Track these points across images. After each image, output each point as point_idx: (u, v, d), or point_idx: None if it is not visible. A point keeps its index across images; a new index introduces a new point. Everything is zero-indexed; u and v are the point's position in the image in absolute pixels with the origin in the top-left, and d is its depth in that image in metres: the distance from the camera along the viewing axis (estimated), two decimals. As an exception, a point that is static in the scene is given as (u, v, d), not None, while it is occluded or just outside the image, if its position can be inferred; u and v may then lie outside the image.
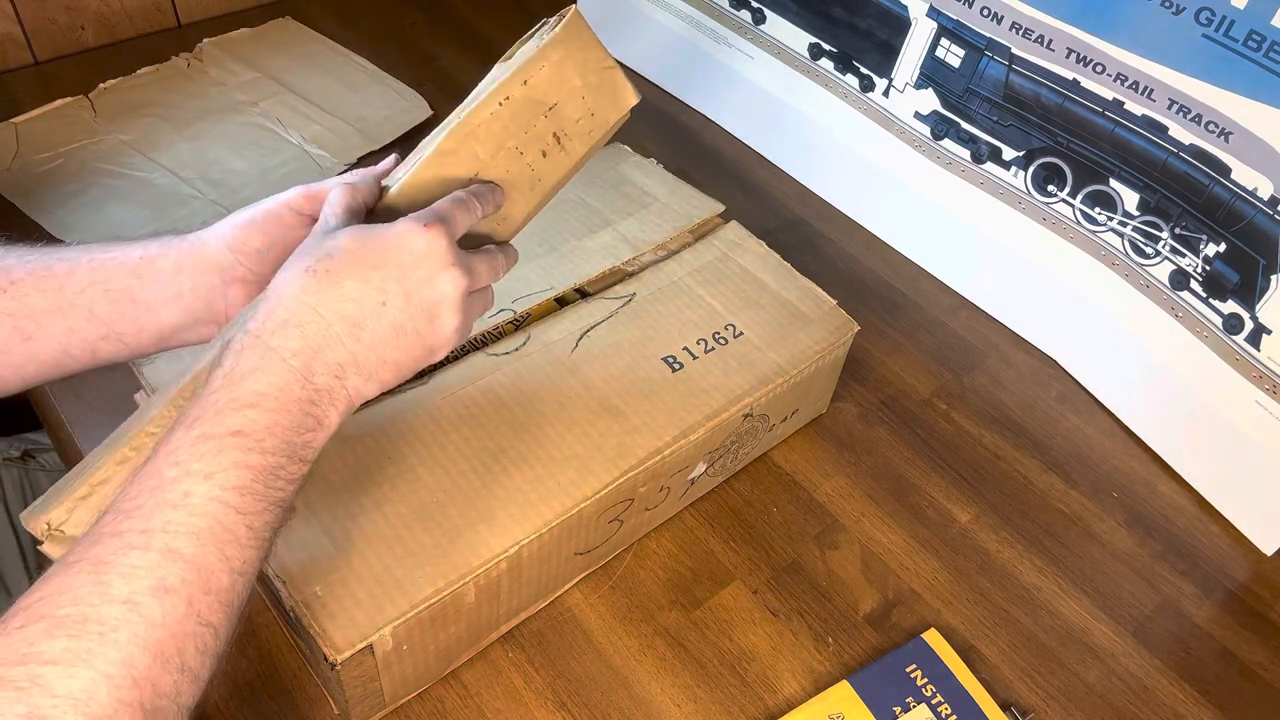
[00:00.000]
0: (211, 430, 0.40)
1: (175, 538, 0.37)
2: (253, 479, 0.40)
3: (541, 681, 0.58)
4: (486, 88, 0.52)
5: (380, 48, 1.06)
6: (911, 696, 0.58)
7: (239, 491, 0.39)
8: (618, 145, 0.82)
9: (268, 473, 0.40)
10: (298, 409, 0.42)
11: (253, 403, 0.40)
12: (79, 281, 0.49)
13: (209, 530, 0.38)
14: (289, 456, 0.41)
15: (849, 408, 0.76)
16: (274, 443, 0.41)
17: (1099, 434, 0.77)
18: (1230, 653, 0.64)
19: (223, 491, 0.39)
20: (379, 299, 0.43)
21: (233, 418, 0.40)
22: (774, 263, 0.72)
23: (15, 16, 0.97)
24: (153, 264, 0.50)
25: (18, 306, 0.48)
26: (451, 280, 0.45)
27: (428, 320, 0.45)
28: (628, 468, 0.58)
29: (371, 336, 0.43)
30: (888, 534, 0.68)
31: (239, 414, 0.40)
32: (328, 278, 0.43)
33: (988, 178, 0.82)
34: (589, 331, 0.65)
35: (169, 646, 0.37)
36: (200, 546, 0.38)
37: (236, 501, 0.39)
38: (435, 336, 0.46)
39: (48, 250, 0.50)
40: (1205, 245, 0.69)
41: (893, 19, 0.83)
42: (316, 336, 0.42)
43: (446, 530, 0.54)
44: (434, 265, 0.44)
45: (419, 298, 0.44)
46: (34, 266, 0.49)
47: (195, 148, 0.89)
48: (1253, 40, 0.61)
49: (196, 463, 0.39)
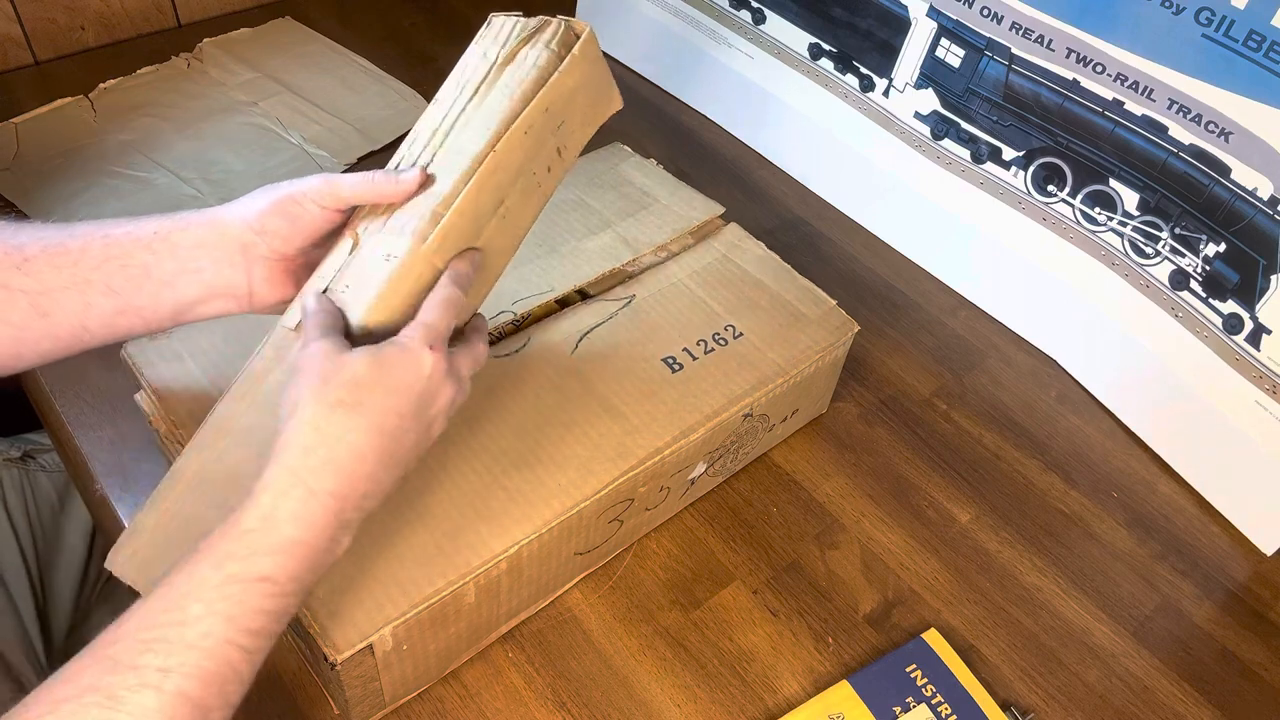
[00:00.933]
0: (240, 573, 0.40)
1: (188, 680, 0.38)
2: (267, 621, 0.41)
3: (541, 681, 0.58)
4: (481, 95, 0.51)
5: (380, 48, 1.06)
6: (911, 696, 0.58)
7: (254, 635, 0.40)
8: (618, 145, 0.82)
9: (284, 615, 0.42)
10: (326, 550, 0.43)
11: (285, 549, 0.41)
12: (94, 258, 0.49)
13: (218, 673, 0.39)
14: (301, 596, 0.43)
15: (849, 408, 0.76)
16: (295, 586, 0.42)
17: (1099, 434, 0.77)
18: (1230, 653, 0.64)
19: (239, 635, 0.40)
20: (401, 425, 0.44)
21: (263, 561, 0.41)
22: (774, 263, 0.72)
23: (15, 16, 0.97)
24: (169, 239, 0.50)
25: (33, 284, 0.48)
26: (449, 395, 0.47)
27: (427, 433, 0.47)
28: (628, 468, 0.58)
29: (391, 459, 0.45)
30: (888, 534, 0.68)
31: (270, 558, 0.41)
32: (358, 410, 0.43)
33: (988, 178, 0.82)
34: (589, 333, 0.65)
35: None
36: (207, 689, 0.39)
37: (249, 643, 0.40)
38: (428, 442, 0.47)
39: (61, 227, 0.50)
40: (1205, 245, 0.69)
41: (893, 19, 0.83)
42: (351, 476, 0.43)
43: (446, 530, 0.54)
44: (436, 383, 0.46)
45: (426, 415, 0.46)
46: (47, 244, 0.49)
47: (195, 148, 0.89)
48: (1253, 40, 0.61)
49: (221, 603, 0.40)
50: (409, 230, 0.49)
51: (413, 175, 0.50)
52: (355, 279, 0.49)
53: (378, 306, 0.48)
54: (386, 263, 0.48)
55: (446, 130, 0.52)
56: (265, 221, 0.50)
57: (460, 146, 0.51)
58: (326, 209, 0.50)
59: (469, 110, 0.52)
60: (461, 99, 0.52)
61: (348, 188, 0.50)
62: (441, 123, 0.52)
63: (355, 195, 0.50)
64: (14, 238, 0.49)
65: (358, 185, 0.49)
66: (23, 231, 0.49)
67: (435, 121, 0.52)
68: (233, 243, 0.50)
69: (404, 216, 0.49)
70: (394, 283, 0.48)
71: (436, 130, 0.52)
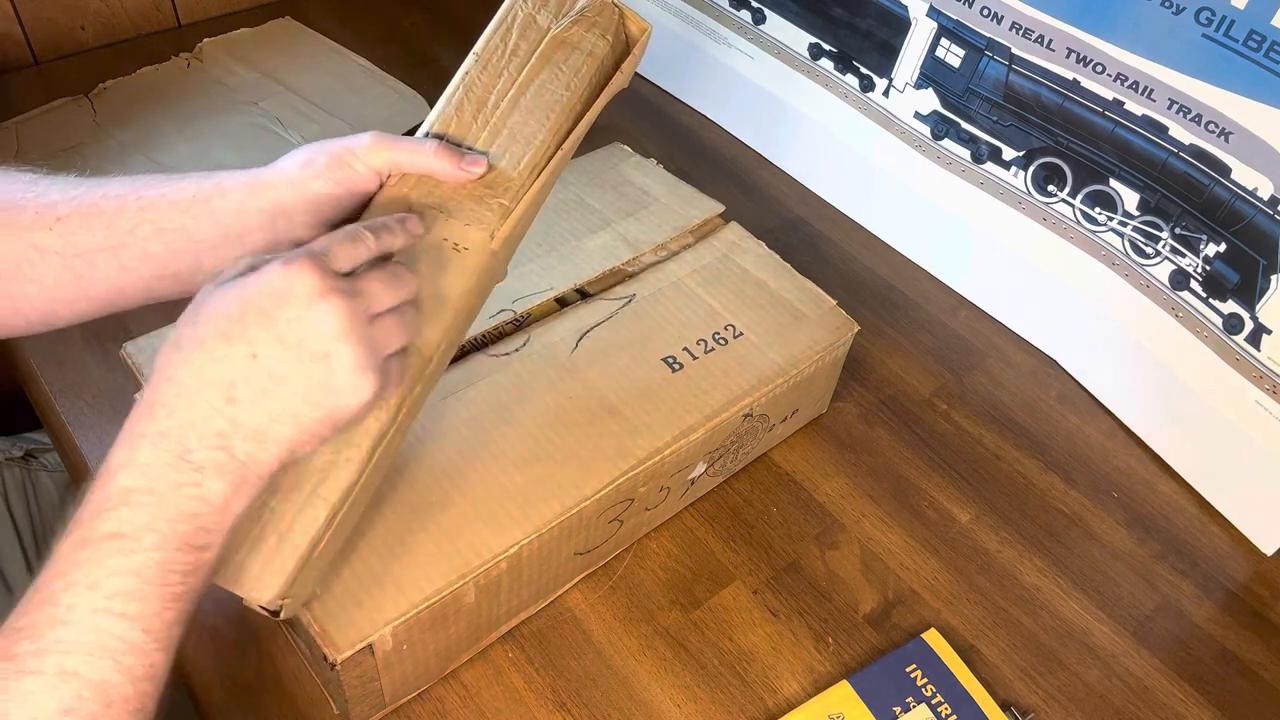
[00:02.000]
0: (88, 535, 0.38)
1: (67, 657, 0.36)
2: (139, 582, 0.38)
3: (541, 681, 0.58)
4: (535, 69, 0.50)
5: (380, 48, 1.06)
6: (911, 696, 0.58)
7: (126, 598, 0.37)
8: (618, 145, 0.82)
9: (156, 571, 0.38)
10: (178, 495, 0.39)
11: (124, 500, 0.38)
12: (129, 220, 0.47)
13: (99, 644, 0.37)
14: (180, 549, 0.39)
15: (849, 408, 0.76)
16: (155, 539, 0.38)
17: (1099, 434, 0.77)
18: (1230, 653, 0.64)
19: (108, 600, 0.37)
20: (248, 351, 0.40)
21: (108, 519, 0.38)
22: (774, 263, 0.72)
23: (15, 16, 0.97)
24: (208, 203, 0.47)
25: (65, 245, 0.46)
26: (330, 311, 0.40)
27: (312, 359, 0.40)
28: (628, 468, 0.58)
29: (249, 394, 0.40)
30: (888, 534, 0.68)
31: (113, 514, 0.38)
32: (190, 345, 0.40)
33: (988, 178, 0.82)
34: (589, 332, 0.65)
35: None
36: (94, 661, 0.37)
37: (124, 608, 0.37)
38: (333, 376, 0.41)
39: (93, 184, 0.48)
40: (1205, 245, 0.69)
41: (893, 19, 0.83)
42: (184, 411, 0.39)
43: (446, 530, 0.54)
44: (301, 302, 0.40)
45: (294, 338, 0.40)
46: (79, 203, 0.47)
47: (195, 148, 0.89)
48: (1253, 40, 0.61)
49: (78, 572, 0.37)
50: (477, 220, 0.47)
51: (479, 167, 0.47)
52: (415, 262, 0.47)
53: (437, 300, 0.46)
54: (455, 251, 0.46)
55: (497, 104, 0.50)
56: (312, 183, 0.47)
57: (522, 132, 0.49)
58: (379, 171, 0.48)
59: (521, 82, 0.50)
60: (510, 67, 0.50)
61: (405, 155, 0.47)
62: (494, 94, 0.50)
63: (412, 165, 0.47)
64: (45, 195, 0.47)
65: (417, 156, 0.47)
66: (54, 189, 0.47)
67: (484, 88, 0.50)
68: (276, 205, 0.47)
69: (470, 204, 0.47)
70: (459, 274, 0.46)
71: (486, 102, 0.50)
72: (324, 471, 0.44)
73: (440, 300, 0.47)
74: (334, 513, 0.44)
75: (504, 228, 0.48)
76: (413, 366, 0.46)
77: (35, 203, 0.47)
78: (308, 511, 0.44)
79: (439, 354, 0.48)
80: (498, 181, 0.48)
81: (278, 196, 0.47)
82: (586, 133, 0.53)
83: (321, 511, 0.44)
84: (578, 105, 0.51)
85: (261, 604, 0.44)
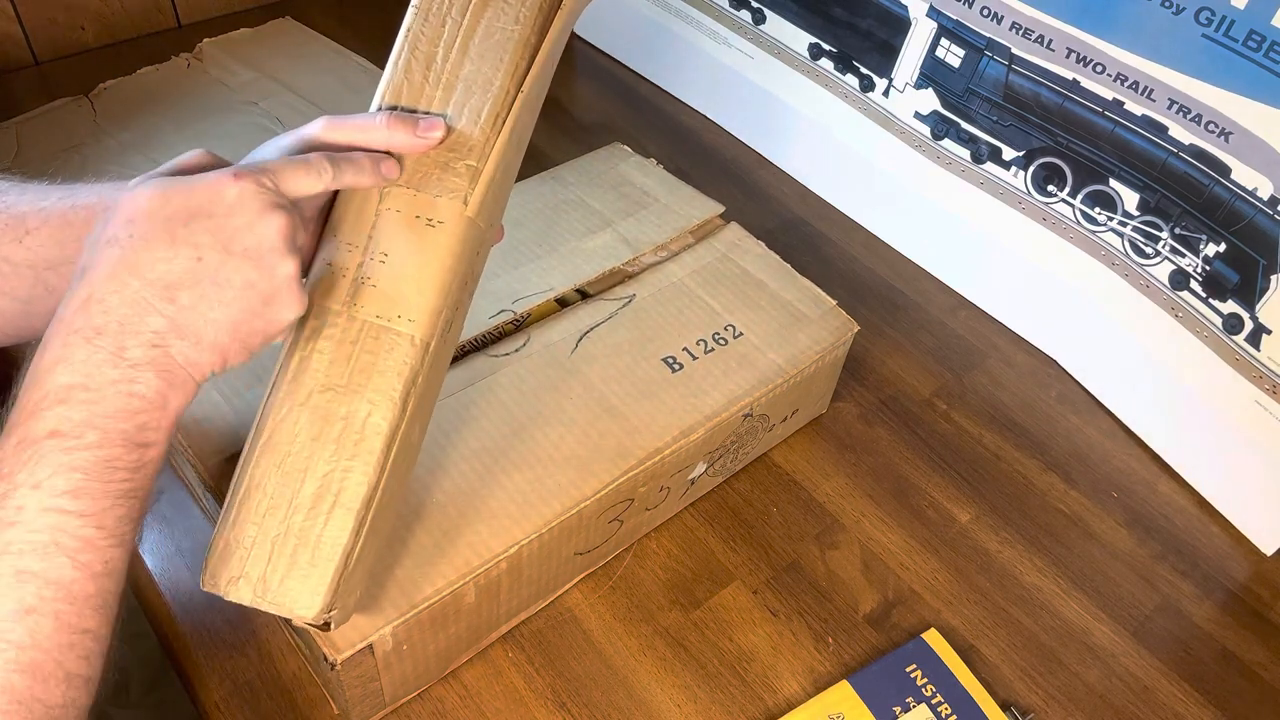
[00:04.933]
0: (28, 435, 0.37)
1: (21, 557, 0.36)
2: (84, 479, 0.37)
3: (541, 681, 0.58)
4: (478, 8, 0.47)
5: (380, 48, 1.04)
6: (911, 696, 0.58)
7: (73, 495, 0.37)
8: (617, 145, 0.82)
9: (100, 467, 0.38)
10: (115, 392, 0.38)
11: (62, 397, 0.38)
12: None
13: (53, 542, 0.37)
14: (123, 445, 0.39)
15: (849, 408, 0.76)
16: (96, 435, 0.38)
17: (1099, 434, 0.77)
18: (1230, 653, 0.64)
19: (54, 499, 0.37)
20: (193, 254, 0.39)
21: (46, 418, 0.37)
22: (774, 263, 0.72)
23: (15, 16, 0.97)
24: None
25: (36, 258, 0.46)
26: (275, 223, 0.41)
27: (256, 269, 0.41)
28: (628, 468, 0.58)
29: (190, 296, 0.40)
30: (888, 534, 0.68)
31: (51, 412, 0.38)
32: (131, 242, 0.39)
33: (988, 178, 0.82)
34: (589, 332, 0.65)
35: (46, 664, 0.36)
36: (49, 560, 0.37)
37: (73, 506, 0.37)
38: (269, 283, 0.41)
39: (63, 194, 0.47)
40: (1205, 245, 0.69)
41: (893, 19, 0.83)
42: (122, 308, 0.39)
43: (446, 530, 0.54)
44: (251, 212, 0.40)
45: (239, 246, 0.40)
46: (49, 215, 0.46)
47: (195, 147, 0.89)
48: (1253, 40, 0.61)
49: (21, 473, 0.37)
50: (447, 190, 0.45)
51: (438, 130, 0.45)
52: (392, 246, 0.45)
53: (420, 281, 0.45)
54: (430, 227, 0.45)
55: (446, 56, 0.47)
56: None
57: (477, 81, 0.46)
58: None
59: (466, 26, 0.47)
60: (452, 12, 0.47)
61: (358, 135, 0.46)
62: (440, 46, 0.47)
63: (367, 143, 0.46)
64: (14, 208, 0.46)
65: (370, 134, 0.45)
66: (24, 199, 0.47)
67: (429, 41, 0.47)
68: None
69: (437, 173, 0.45)
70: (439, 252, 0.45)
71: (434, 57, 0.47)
72: (342, 480, 0.44)
73: (426, 284, 0.46)
74: (360, 520, 0.44)
75: (477, 191, 0.46)
76: (410, 358, 0.45)
77: (4, 215, 0.46)
78: (334, 523, 0.44)
79: (436, 339, 0.46)
80: (460, 142, 0.46)
81: None
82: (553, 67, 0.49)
83: (348, 520, 0.44)
84: (532, 38, 0.47)
85: (309, 621, 0.44)
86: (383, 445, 0.45)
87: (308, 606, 0.43)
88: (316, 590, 0.43)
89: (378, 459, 0.44)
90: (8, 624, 0.36)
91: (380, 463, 0.45)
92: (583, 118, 1.04)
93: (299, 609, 0.43)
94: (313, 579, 0.43)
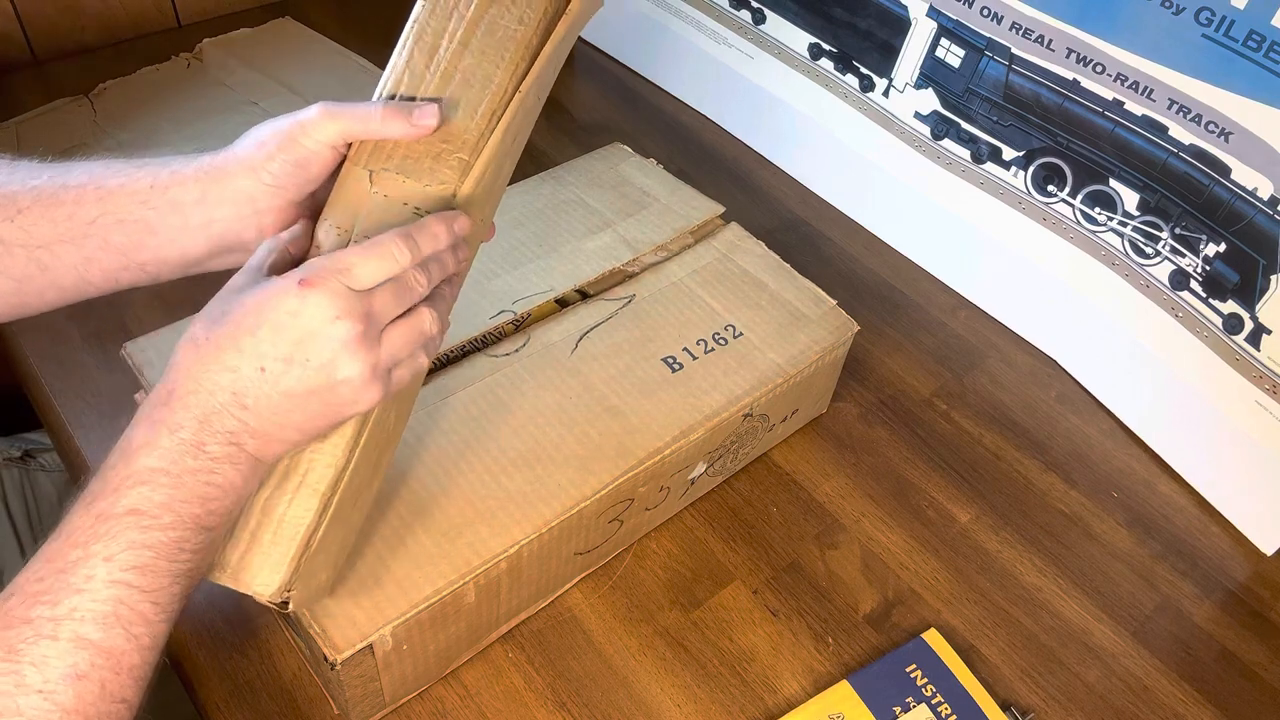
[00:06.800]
0: (108, 509, 0.39)
1: (82, 624, 0.38)
2: (153, 557, 0.40)
3: (541, 681, 0.58)
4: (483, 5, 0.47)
5: (380, 48, 1.05)
6: (911, 696, 0.58)
7: (140, 571, 0.39)
8: (617, 145, 0.82)
9: (170, 547, 0.40)
10: (194, 480, 0.40)
11: (145, 479, 0.40)
12: (89, 211, 0.47)
13: (114, 614, 0.39)
14: (193, 528, 0.41)
15: (849, 408, 0.76)
16: (172, 518, 0.40)
17: (1099, 434, 0.77)
18: (1230, 653, 0.64)
19: (124, 573, 0.39)
20: (256, 365, 0.41)
21: (128, 495, 0.39)
22: (774, 263, 0.72)
23: (15, 16, 0.97)
24: (167, 194, 0.47)
25: (28, 238, 0.46)
26: (340, 333, 0.41)
27: (319, 375, 0.41)
28: (628, 468, 0.58)
29: (259, 405, 0.41)
30: (888, 534, 0.68)
31: (133, 491, 0.40)
32: (207, 347, 0.41)
33: (988, 178, 0.82)
34: (589, 332, 0.65)
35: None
36: (107, 630, 0.38)
37: (138, 581, 0.39)
38: (338, 392, 0.42)
39: (55, 173, 0.48)
40: (1205, 245, 0.69)
41: (893, 19, 0.83)
42: (200, 408, 0.41)
43: (446, 530, 0.54)
44: (317, 321, 0.41)
45: (302, 356, 0.41)
46: (40, 194, 0.47)
47: (195, 147, 0.88)
48: (1253, 40, 0.61)
49: (97, 544, 0.39)
50: (434, 179, 0.45)
51: (431, 119, 0.45)
52: (376, 230, 0.45)
53: None
54: (415, 215, 0.45)
55: (448, 47, 0.47)
56: (270, 166, 0.46)
57: (476, 75, 0.46)
58: (334, 146, 0.47)
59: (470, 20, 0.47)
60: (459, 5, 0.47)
61: (356, 124, 0.46)
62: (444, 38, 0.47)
63: (364, 132, 0.46)
64: (6, 186, 0.47)
65: (367, 121, 0.46)
66: (14, 179, 0.47)
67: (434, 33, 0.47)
68: (237, 193, 0.47)
69: (428, 162, 0.46)
70: None
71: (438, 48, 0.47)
72: (310, 461, 0.45)
73: None
74: (325, 502, 0.45)
75: (466, 184, 0.46)
76: None
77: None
78: (298, 503, 0.44)
79: None
80: (455, 134, 0.46)
81: (238, 184, 0.47)
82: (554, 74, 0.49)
83: (312, 501, 0.44)
84: (534, 39, 0.47)
85: (267, 598, 0.44)
86: (354, 428, 0.45)
87: (265, 584, 0.44)
88: (276, 568, 0.44)
89: (348, 442, 0.45)
90: (58, 686, 0.37)
91: (350, 445, 0.45)
92: (583, 118, 1.04)
93: (257, 585, 0.44)
94: (273, 556, 0.44)
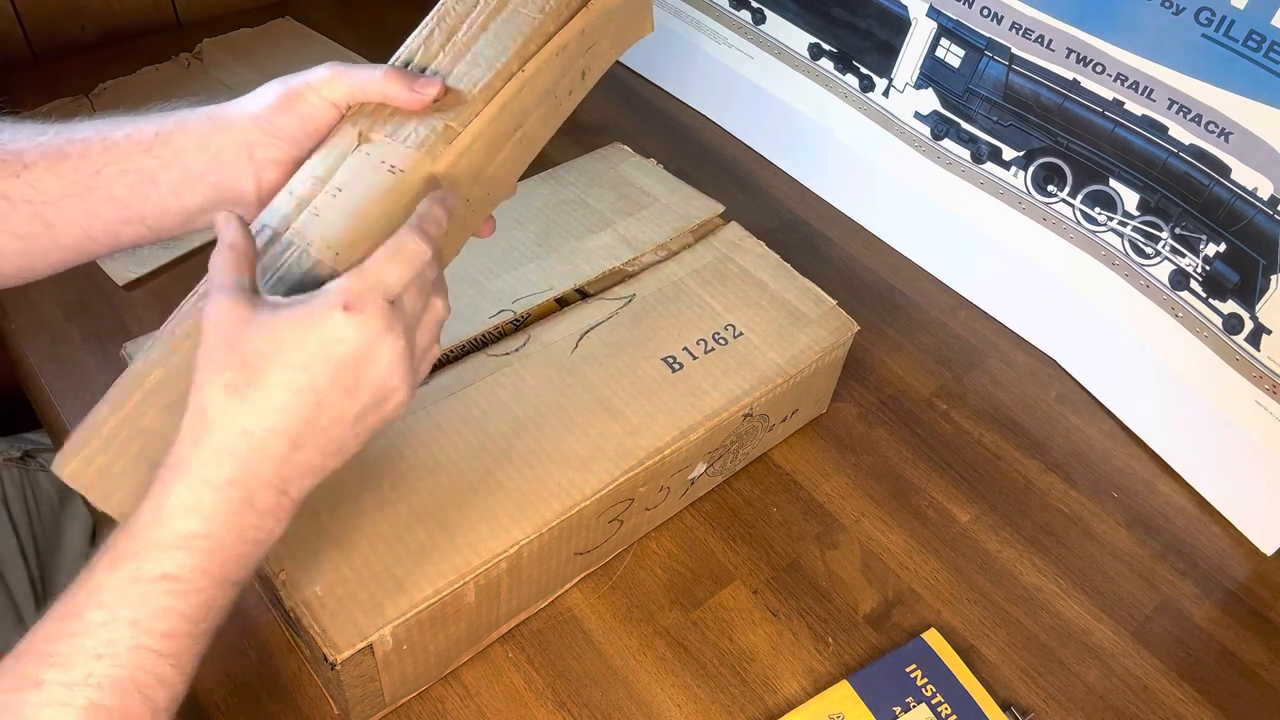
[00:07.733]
0: (141, 573, 0.38)
1: (99, 691, 0.36)
2: (181, 621, 0.38)
3: (541, 681, 0.58)
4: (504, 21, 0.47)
5: (380, 48, 1.05)
6: (911, 696, 0.58)
7: (166, 636, 0.38)
8: (617, 145, 0.82)
9: (200, 610, 0.39)
10: (235, 540, 0.39)
11: (183, 544, 0.38)
12: (94, 163, 0.46)
13: (132, 679, 0.37)
14: (223, 587, 0.39)
15: (849, 408, 0.76)
16: (207, 581, 0.38)
17: (1099, 434, 0.77)
18: (1230, 653, 0.64)
19: (149, 639, 0.37)
20: (313, 401, 0.39)
21: (162, 560, 0.38)
22: (774, 263, 0.72)
23: (15, 16, 0.97)
24: (170, 142, 0.47)
25: (34, 193, 0.46)
26: (388, 351, 0.40)
27: (372, 394, 0.41)
28: (628, 468, 0.58)
29: (313, 440, 0.40)
30: (888, 534, 0.68)
31: (168, 555, 0.38)
32: (251, 392, 0.38)
33: (988, 178, 0.82)
34: (589, 332, 0.65)
35: None
36: (124, 697, 0.37)
37: (162, 646, 0.38)
38: (386, 407, 0.42)
39: (61, 129, 0.47)
40: (1205, 245, 0.69)
41: (893, 19, 0.83)
42: (252, 460, 0.39)
43: (446, 530, 0.54)
44: (364, 346, 0.40)
45: (352, 380, 0.40)
46: (46, 149, 0.46)
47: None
48: (1253, 40, 0.61)
49: (124, 608, 0.37)
50: (416, 141, 0.45)
51: (433, 88, 0.45)
52: (348, 183, 0.44)
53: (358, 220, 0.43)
54: (389, 173, 0.44)
55: (468, 30, 0.47)
56: (273, 118, 0.46)
57: (485, 56, 0.46)
58: (337, 105, 0.47)
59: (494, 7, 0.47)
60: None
61: (359, 83, 0.46)
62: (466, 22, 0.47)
63: (366, 93, 0.46)
64: (12, 143, 0.46)
65: (370, 83, 0.46)
66: (20, 136, 0.47)
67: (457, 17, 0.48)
68: (238, 143, 0.46)
69: (415, 125, 0.45)
70: (387, 197, 0.44)
71: (457, 30, 0.47)
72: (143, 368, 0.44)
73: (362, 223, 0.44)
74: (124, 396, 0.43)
75: (448, 153, 0.45)
76: None
77: (3, 150, 0.46)
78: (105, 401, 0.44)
79: None
80: (449, 104, 0.46)
81: (240, 135, 0.47)
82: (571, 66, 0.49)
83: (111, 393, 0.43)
84: (551, 28, 0.47)
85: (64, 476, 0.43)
86: None
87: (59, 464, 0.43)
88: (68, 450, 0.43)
89: None
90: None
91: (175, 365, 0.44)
92: (583, 118, 1.04)
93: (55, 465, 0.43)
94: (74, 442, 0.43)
